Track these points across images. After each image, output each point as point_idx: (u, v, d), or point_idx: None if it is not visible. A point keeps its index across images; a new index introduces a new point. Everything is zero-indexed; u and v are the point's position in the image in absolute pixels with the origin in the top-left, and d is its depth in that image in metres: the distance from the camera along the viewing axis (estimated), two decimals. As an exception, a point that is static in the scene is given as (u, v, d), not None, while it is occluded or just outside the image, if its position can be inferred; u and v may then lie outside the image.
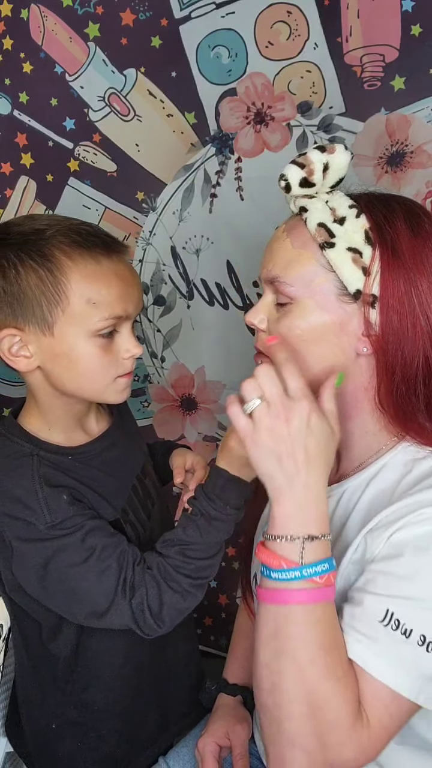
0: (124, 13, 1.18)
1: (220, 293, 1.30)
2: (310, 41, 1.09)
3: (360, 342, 0.67)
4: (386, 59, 1.05)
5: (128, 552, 0.74)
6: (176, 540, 0.74)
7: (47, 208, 1.38)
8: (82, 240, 0.71)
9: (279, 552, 0.61)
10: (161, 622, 0.72)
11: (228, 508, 0.73)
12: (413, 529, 0.61)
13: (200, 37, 1.15)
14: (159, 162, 1.27)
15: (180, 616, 0.74)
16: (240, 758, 0.83)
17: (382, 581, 0.61)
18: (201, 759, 0.84)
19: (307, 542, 0.60)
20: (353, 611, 0.62)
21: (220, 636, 1.53)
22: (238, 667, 0.94)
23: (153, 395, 1.45)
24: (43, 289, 0.70)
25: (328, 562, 0.61)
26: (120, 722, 0.86)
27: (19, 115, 1.33)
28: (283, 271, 0.69)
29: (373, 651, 0.59)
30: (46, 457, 0.76)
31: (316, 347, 0.68)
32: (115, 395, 0.77)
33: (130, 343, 0.75)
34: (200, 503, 0.74)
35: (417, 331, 0.64)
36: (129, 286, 0.74)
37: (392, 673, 0.58)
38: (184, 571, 0.72)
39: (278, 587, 0.60)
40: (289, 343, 0.68)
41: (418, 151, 1.07)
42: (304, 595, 0.59)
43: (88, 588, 0.72)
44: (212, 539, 0.73)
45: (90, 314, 0.71)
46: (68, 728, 0.85)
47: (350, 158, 0.68)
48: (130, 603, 0.71)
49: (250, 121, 1.18)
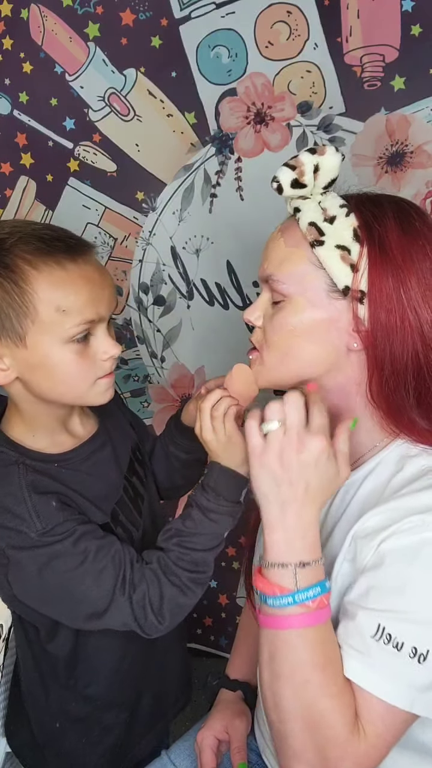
0: (124, 13, 1.18)
1: (220, 293, 1.30)
2: (310, 41, 1.09)
3: (350, 337, 0.68)
4: (386, 59, 1.05)
5: (122, 551, 0.74)
6: (174, 530, 0.75)
7: (47, 208, 1.38)
8: (45, 246, 0.69)
9: (273, 579, 0.63)
10: (162, 618, 0.73)
11: (221, 500, 0.74)
12: (401, 538, 0.62)
13: (200, 37, 1.15)
14: (159, 162, 1.27)
15: (180, 612, 0.75)
16: (238, 752, 0.84)
17: (373, 596, 0.62)
18: (199, 752, 0.86)
19: (299, 569, 0.62)
20: (347, 626, 0.63)
21: (220, 636, 1.53)
22: (241, 663, 0.95)
23: (153, 395, 1.45)
24: (9, 302, 0.68)
25: (320, 586, 0.62)
26: (121, 713, 0.88)
27: (19, 115, 1.32)
28: (276, 269, 0.70)
29: (366, 666, 0.61)
30: (32, 465, 0.75)
31: (308, 343, 0.70)
32: (98, 397, 0.76)
33: (106, 344, 0.74)
34: (196, 495, 0.76)
35: (406, 326, 0.65)
36: (99, 288, 0.72)
37: (386, 687, 0.60)
38: (183, 564, 0.73)
39: (274, 613, 0.63)
40: (282, 338, 0.70)
41: (418, 151, 1.08)
42: (297, 620, 0.61)
43: (86, 591, 0.72)
44: (209, 530, 0.74)
45: (61, 322, 0.69)
46: (72, 725, 0.86)
47: (341, 159, 0.69)
48: (131, 600, 0.72)
49: (250, 121, 1.18)
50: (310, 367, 0.71)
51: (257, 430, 0.65)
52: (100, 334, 0.73)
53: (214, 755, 0.85)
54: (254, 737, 0.88)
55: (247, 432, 0.65)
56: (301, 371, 0.71)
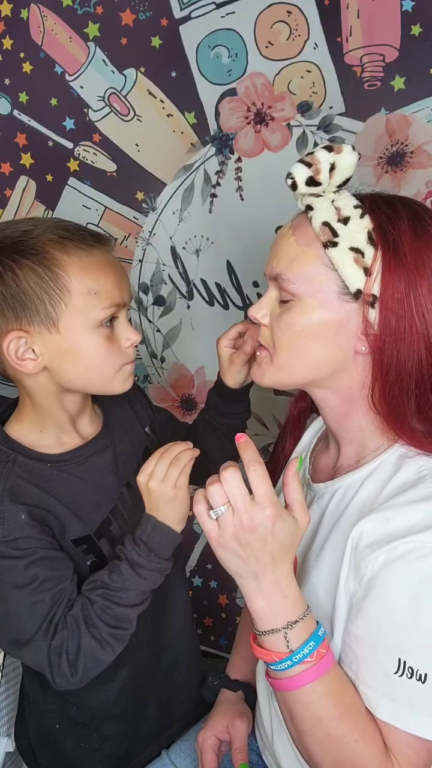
0: (124, 13, 1.18)
1: (220, 293, 1.30)
2: (310, 41, 1.09)
3: (359, 340, 0.68)
4: (386, 59, 1.05)
5: (67, 591, 0.73)
6: (100, 582, 0.73)
7: (47, 208, 1.38)
8: (71, 234, 0.72)
9: (268, 647, 0.63)
10: (75, 671, 0.71)
11: (153, 556, 0.73)
12: (404, 565, 0.61)
13: (200, 37, 1.15)
14: (159, 162, 1.27)
15: (96, 667, 0.73)
16: (239, 752, 0.84)
17: (386, 632, 0.62)
18: (200, 752, 0.85)
19: (289, 630, 0.62)
20: (367, 664, 0.64)
21: (220, 636, 1.53)
22: (241, 663, 0.95)
23: (153, 395, 1.45)
24: (44, 287, 0.70)
25: (313, 639, 0.62)
26: (122, 723, 0.87)
27: (19, 115, 1.33)
28: (287, 268, 0.69)
29: (393, 702, 0.61)
30: (24, 463, 0.75)
31: (316, 344, 0.69)
32: (121, 384, 0.78)
33: (129, 331, 0.76)
34: (126, 548, 0.74)
35: (413, 331, 0.65)
36: (121, 273, 0.76)
37: (417, 720, 0.60)
38: (105, 618, 0.72)
39: (279, 677, 0.63)
40: (290, 339, 0.70)
41: (418, 151, 1.07)
42: (302, 678, 0.62)
43: (19, 613, 0.71)
44: (136, 586, 0.73)
45: (92, 304, 0.72)
46: (71, 728, 0.85)
47: (357, 159, 0.68)
48: (50, 644, 0.70)
49: (250, 121, 1.18)
50: (317, 368, 0.70)
51: (206, 514, 0.63)
52: (122, 320, 0.76)
53: (216, 756, 0.85)
54: (255, 737, 0.88)
55: (198, 517, 0.64)
56: (308, 372, 0.71)
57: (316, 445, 0.86)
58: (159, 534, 0.73)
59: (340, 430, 0.75)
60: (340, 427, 0.75)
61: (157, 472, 0.73)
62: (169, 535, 0.74)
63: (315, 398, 0.76)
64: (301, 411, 0.89)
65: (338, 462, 0.76)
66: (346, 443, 0.75)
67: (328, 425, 0.77)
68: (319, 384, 0.73)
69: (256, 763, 0.86)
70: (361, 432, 0.73)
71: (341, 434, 0.75)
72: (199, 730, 0.87)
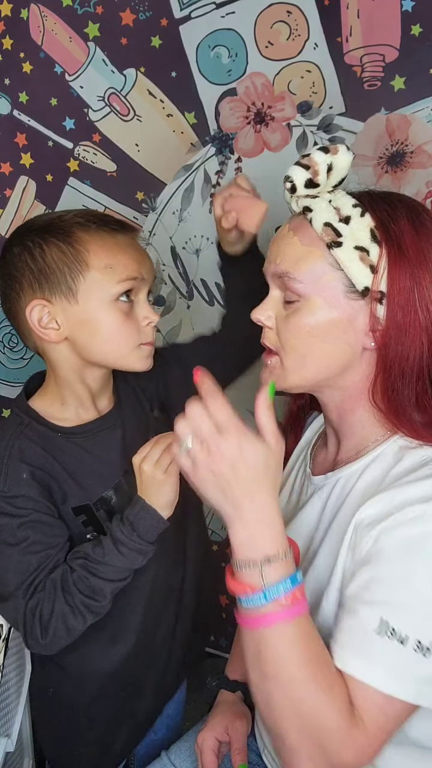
0: (124, 13, 1.18)
1: (220, 293, 1.30)
2: (310, 41, 1.09)
3: (366, 337, 0.68)
4: (386, 59, 1.05)
5: (53, 558, 0.76)
6: (83, 553, 0.77)
7: (47, 208, 1.38)
8: (98, 219, 0.79)
9: (243, 579, 0.62)
10: (45, 633, 0.74)
11: (135, 536, 0.75)
12: (402, 530, 0.61)
13: (200, 37, 1.15)
14: (159, 162, 1.27)
15: (66, 635, 0.75)
16: (238, 753, 0.84)
17: (374, 589, 0.62)
18: (200, 753, 0.85)
19: (265, 565, 0.61)
20: (349, 623, 0.63)
21: (220, 636, 1.53)
22: (240, 664, 0.95)
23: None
24: (65, 261, 0.76)
25: (290, 580, 0.61)
26: (110, 709, 0.90)
27: (19, 115, 1.32)
28: (293, 266, 0.69)
29: (367, 661, 0.60)
30: (37, 429, 0.80)
31: (325, 343, 0.69)
32: (139, 362, 0.81)
33: (147, 310, 0.81)
34: (112, 524, 0.77)
35: (417, 324, 0.66)
36: (142, 254, 0.81)
37: (390, 682, 0.59)
38: (81, 587, 0.74)
39: (250, 614, 0.62)
40: (300, 341, 0.70)
41: (418, 151, 1.07)
42: (272, 618, 0.60)
43: (6, 569, 0.75)
44: (115, 562, 0.75)
45: (109, 278, 0.77)
46: (63, 698, 0.89)
47: (352, 158, 0.69)
48: (27, 603, 0.74)
49: (250, 121, 1.18)
50: (328, 367, 0.70)
51: (180, 452, 0.63)
52: (142, 300, 0.81)
53: (215, 756, 0.84)
54: (254, 738, 0.88)
55: (175, 458, 0.64)
56: (319, 372, 0.71)
57: (316, 442, 0.86)
58: (145, 516, 0.76)
59: (342, 426, 0.75)
60: (342, 423, 0.75)
61: (152, 455, 0.76)
62: (155, 518, 0.76)
63: (320, 397, 0.76)
64: (300, 407, 0.89)
65: (338, 456, 0.77)
66: (348, 438, 0.75)
67: (331, 421, 0.77)
68: (329, 383, 0.72)
69: (256, 763, 0.86)
70: (363, 425, 0.73)
71: (343, 429, 0.75)
72: (199, 732, 0.87)
